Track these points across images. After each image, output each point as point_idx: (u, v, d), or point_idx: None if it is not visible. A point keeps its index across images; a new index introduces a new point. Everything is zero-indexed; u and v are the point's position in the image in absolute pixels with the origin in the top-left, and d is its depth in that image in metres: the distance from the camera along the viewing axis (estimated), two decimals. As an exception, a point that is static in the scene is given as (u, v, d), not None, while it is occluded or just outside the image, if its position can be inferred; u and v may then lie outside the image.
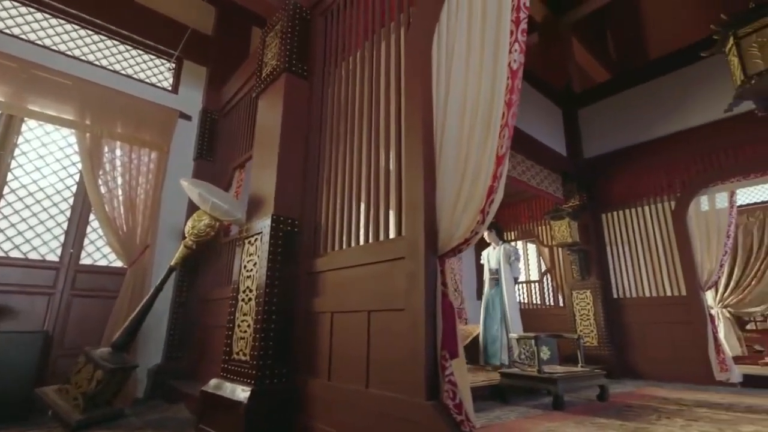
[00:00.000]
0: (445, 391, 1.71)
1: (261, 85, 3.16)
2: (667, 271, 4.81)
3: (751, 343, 5.66)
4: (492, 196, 1.79)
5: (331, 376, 2.25)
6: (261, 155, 2.97)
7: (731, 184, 4.59)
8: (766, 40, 3.04)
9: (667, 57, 5.25)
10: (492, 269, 4.79)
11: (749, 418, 2.70)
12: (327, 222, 2.62)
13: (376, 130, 2.40)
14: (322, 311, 2.41)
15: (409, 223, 1.97)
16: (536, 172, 5.40)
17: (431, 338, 1.78)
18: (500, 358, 4.35)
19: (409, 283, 1.89)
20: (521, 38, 1.83)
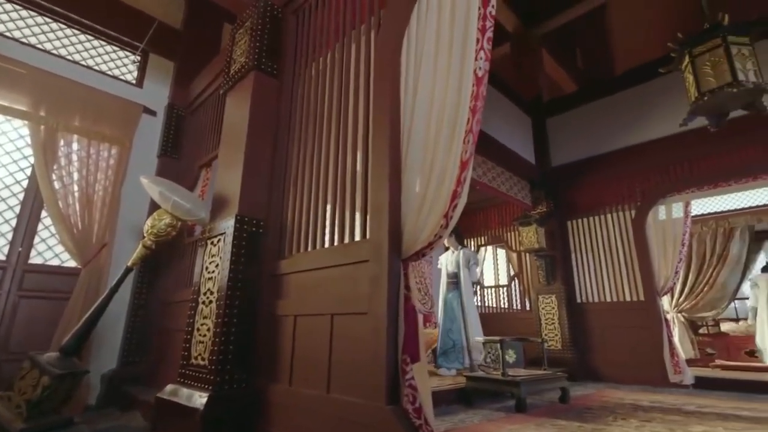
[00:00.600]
0: (405, 395, 1.70)
1: (229, 82, 3.09)
2: (627, 277, 5.00)
3: (703, 346, 5.96)
4: (456, 201, 1.80)
5: (293, 380, 2.20)
6: (227, 154, 2.89)
7: (686, 194, 4.83)
8: (717, 59, 3.22)
9: (631, 71, 5.49)
10: (450, 273, 4.81)
11: (698, 418, 2.83)
12: (293, 223, 2.57)
13: (344, 131, 2.38)
14: (286, 314, 2.36)
15: (374, 225, 1.96)
16: (506, 178, 5.52)
17: (393, 342, 1.76)
18: (462, 361, 4.36)
19: (373, 287, 1.87)
20: (487, 46, 1.86)
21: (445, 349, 4.46)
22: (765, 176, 4.28)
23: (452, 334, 4.48)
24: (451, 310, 4.60)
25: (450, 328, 4.52)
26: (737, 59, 3.14)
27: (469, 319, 4.52)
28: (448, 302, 4.67)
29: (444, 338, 4.52)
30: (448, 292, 4.75)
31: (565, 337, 5.22)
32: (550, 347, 5.33)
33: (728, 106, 3.33)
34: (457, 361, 4.37)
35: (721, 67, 3.16)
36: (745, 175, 4.35)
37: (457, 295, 4.65)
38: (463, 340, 4.42)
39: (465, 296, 4.63)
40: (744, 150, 4.40)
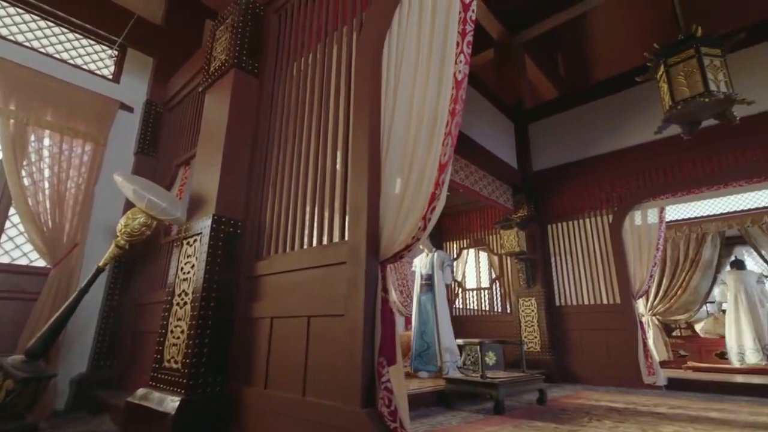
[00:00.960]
0: (381, 398, 1.69)
1: (208, 79, 3.03)
2: (604, 281, 5.11)
3: (677, 348, 6.12)
4: (434, 203, 1.80)
5: (268, 384, 2.16)
6: (205, 152, 2.83)
7: (661, 201, 4.96)
8: (691, 69, 3.32)
9: (610, 79, 5.62)
10: (424, 275, 4.81)
11: (670, 419, 2.90)
12: (271, 224, 2.54)
13: (324, 132, 2.36)
14: (262, 316, 2.32)
15: (352, 227, 1.94)
16: (489, 182, 5.58)
17: (369, 345, 1.75)
18: (435, 363, 4.34)
19: (350, 289, 1.85)
20: (467, 50, 1.87)
21: (420, 352, 4.46)
22: (735, 183, 4.43)
23: (426, 336, 4.48)
24: (425, 312, 4.59)
25: (424, 330, 4.52)
26: (709, 70, 3.25)
27: (442, 322, 4.51)
28: (422, 304, 4.66)
29: (418, 341, 4.51)
30: (422, 294, 4.74)
31: (544, 339, 5.30)
32: (529, 350, 5.39)
33: (700, 115, 3.44)
34: (431, 363, 4.36)
35: (694, 78, 3.27)
36: (716, 182, 4.50)
37: (431, 297, 4.64)
38: (436, 343, 4.41)
39: (438, 298, 4.62)
40: (715, 158, 4.55)
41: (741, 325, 5.34)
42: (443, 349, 4.36)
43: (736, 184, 4.44)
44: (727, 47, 3.33)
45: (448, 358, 4.31)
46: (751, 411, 3.26)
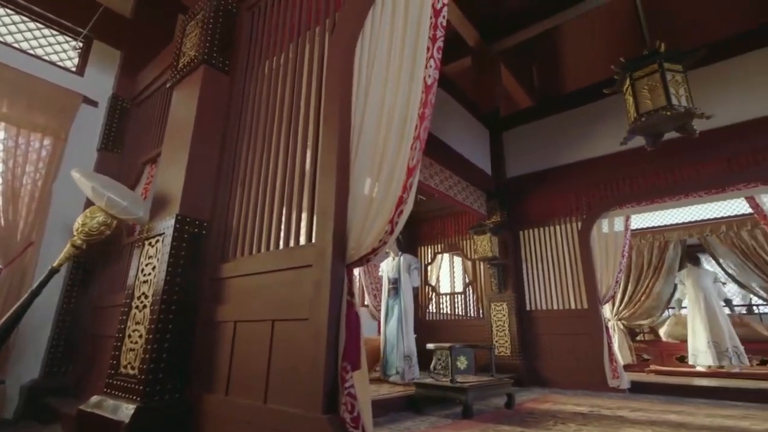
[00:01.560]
0: (343, 404, 1.66)
1: (177, 75, 2.94)
2: (572, 286, 5.23)
3: (640, 352, 6.32)
4: (401, 207, 1.79)
5: (230, 390, 2.09)
6: (171, 150, 2.74)
7: (627, 209, 5.13)
8: (654, 84, 3.46)
9: (581, 90, 5.79)
10: (391, 279, 4.77)
11: (631, 422, 2.98)
12: (238, 225, 2.47)
13: (294, 132, 2.32)
14: (225, 320, 2.25)
15: (320, 229, 1.91)
16: (463, 188, 5.63)
17: (333, 349, 1.72)
18: (396, 367, 4.28)
19: (315, 292, 1.82)
20: (437, 55, 1.88)
21: (388, 356, 4.43)
22: (695, 194, 4.63)
23: (391, 340, 4.44)
24: (392, 316, 4.56)
25: (390, 333, 4.48)
26: (671, 85, 3.39)
27: (407, 326, 4.47)
28: (390, 308, 4.63)
29: (386, 345, 4.47)
30: (389, 298, 4.70)
31: (515, 343, 5.37)
32: (500, 354, 5.45)
33: (663, 127, 3.58)
34: (393, 368, 4.32)
35: (657, 91, 3.40)
36: (678, 192, 4.69)
37: (398, 300, 4.60)
38: (401, 348, 4.36)
39: (405, 302, 4.58)
40: (677, 170, 4.75)
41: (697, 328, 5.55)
42: (402, 354, 4.31)
43: (696, 194, 4.64)
44: (687, 64, 3.48)
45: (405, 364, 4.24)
46: (708, 413, 3.39)
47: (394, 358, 4.31)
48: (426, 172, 4.97)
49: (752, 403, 3.86)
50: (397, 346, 4.33)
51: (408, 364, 4.27)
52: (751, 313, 6.62)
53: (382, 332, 4.57)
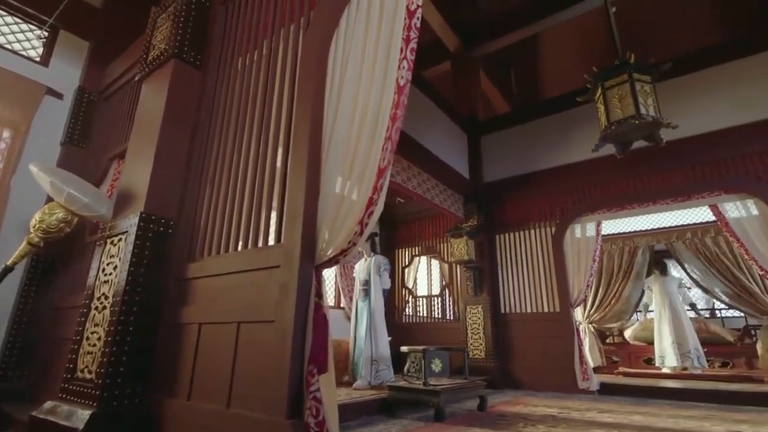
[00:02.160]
0: (308, 408, 1.62)
1: (146, 68, 2.85)
2: (545, 290, 5.32)
3: (610, 354, 6.49)
4: (371, 208, 1.77)
5: (192, 395, 2.02)
6: (137, 145, 2.64)
7: (598, 215, 5.26)
8: (624, 93, 3.56)
9: (557, 98, 5.91)
10: (362, 280, 4.63)
11: (599, 425, 3.04)
12: (206, 224, 2.40)
13: (266, 130, 2.27)
14: (190, 322, 2.18)
15: (289, 229, 1.87)
16: (441, 191, 5.66)
17: (299, 352, 1.68)
18: (360, 371, 4.15)
19: (282, 294, 1.78)
20: (410, 57, 1.88)
21: (356, 360, 4.29)
22: (662, 201, 4.79)
23: (360, 343, 4.31)
24: (362, 319, 4.41)
25: (360, 337, 4.35)
26: (640, 95, 3.49)
27: (378, 329, 4.34)
28: (360, 311, 4.48)
29: (355, 348, 4.34)
30: (359, 300, 4.56)
31: (489, 346, 5.42)
32: (474, 356, 5.50)
33: (632, 136, 3.68)
34: (359, 373, 4.18)
35: (627, 101, 3.50)
36: (647, 200, 4.85)
37: (367, 303, 4.46)
38: (370, 351, 4.22)
39: (375, 304, 4.43)
40: (646, 178, 4.90)
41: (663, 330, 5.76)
42: (377, 357, 4.20)
43: (663, 202, 4.80)
44: (655, 75, 3.60)
45: (379, 367, 4.15)
46: (671, 414, 3.49)
47: (364, 363, 4.19)
48: (404, 175, 4.98)
49: (713, 404, 4.01)
50: (364, 350, 4.21)
51: (376, 368, 4.17)
52: (714, 317, 6.90)
53: (351, 335, 4.47)
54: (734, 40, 4.99)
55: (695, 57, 4.87)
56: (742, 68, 4.58)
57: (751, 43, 4.62)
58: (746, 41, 4.70)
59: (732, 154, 4.43)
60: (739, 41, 4.79)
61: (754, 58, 4.54)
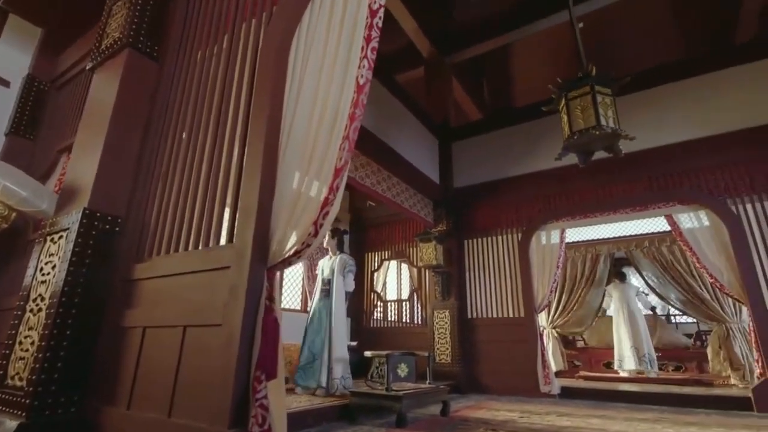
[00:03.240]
0: (253, 416, 1.54)
1: (98, 57, 2.70)
2: (511, 295, 5.40)
3: (572, 359, 6.65)
4: (327, 209, 1.72)
5: (133, 403, 1.90)
6: (85, 137, 2.50)
7: (563, 223, 5.39)
8: (586, 104, 3.67)
9: (526, 107, 6.04)
10: (324, 279, 4.34)
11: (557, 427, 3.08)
12: (157, 223, 2.28)
13: (222, 126, 2.19)
14: (134, 326, 2.06)
15: (241, 228, 1.80)
16: (410, 195, 5.66)
17: (246, 357, 1.60)
18: (318, 379, 3.89)
19: (231, 296, 1.70)
20: (371, 55, 1.85)
21: (304, 365, 3.98)
22: (622, 211, 4.96)
23: (314, 347, 4.02)
24: (319, 320, 4.13)
25: (314, 340, 4.04)
26: (601, 106, 3.60)
27: (337, 333, 4.10)
28: (317, 312, 4.19)
29: (305, 352, 4.01)
30: (319, 300, 4.26)
31: (455, 351, 5.44)
32: (441, 361, 5.50)
33: (593, 146, 3.80)
34: (313, 378, 3.91)
35: (588, 112, 3.61)
36: (608, 209, 5.01)
37: (327, 304, 4.19)
38: (325, 356, 3.98)
39: (336, 306, 4.18)
40: (608, 187, 5.07)
41: (621, 335, 5.97)
42: (334, 360, 3.97)
43: (623, 211, 4.97)
44: (615, 88, 3.73)
45: (339, 373, 3.94)
46: (626, 416, 3.59)
47: (315, 368, 3.93)
48: (374, 178, 4.95)
49: (666, 406, 4.15)
50: (326, 355, 3.97)
51: (332, 375, 4.02)
52: (670, 322, 7.20)
53: (303, 336, 4.12)
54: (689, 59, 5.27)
55: (653, 73, 5.10)
56: (695, 86, 4.83)
57: (705, 63, 4.88)
58: (700, 61, 4.96)
59: (686, 168, 4.65)
60: (694, 60, 5.05)
61: (708, 76, 4.80)
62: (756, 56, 4.63)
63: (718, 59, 4.83)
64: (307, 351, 4.01)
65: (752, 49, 4.73)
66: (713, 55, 5.00)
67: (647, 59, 6.17)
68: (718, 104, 4.66)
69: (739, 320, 5.12)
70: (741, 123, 4.47)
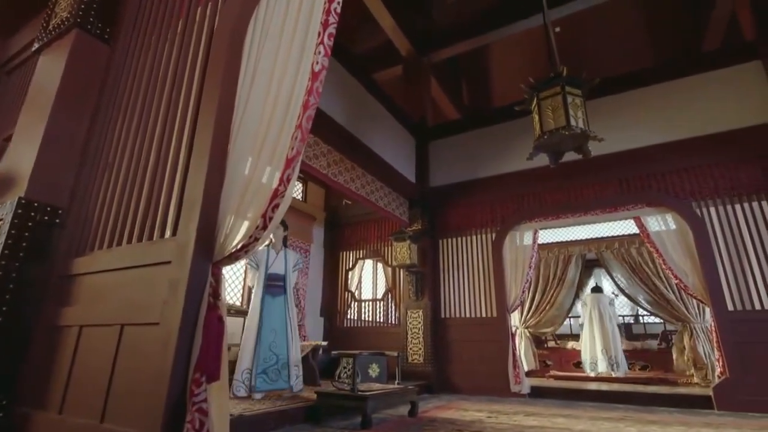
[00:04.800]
0: (189, 422, 1.44)
1: (45, 37, 2.53)
2: (484, 295, 5.39)
3: (544, 358, 6.71)
4: (276, 201, 1.63)
5: (65, 407, 1.76)
6: (27, 122, 2.33)
7: (535, 223, 5.42)
8: (556, 104, 3.67)
9: (503, 108, 6.05)
10: (276, 275, 4.06)
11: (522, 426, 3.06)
12: (100, 215, 2.14)
13: (173, 113, 2.07)
14: (70, 324, 1.91)
15: (185, 220, 1.69)
16: (385, 193, 5.60)
17: (184, 358, 1.50)
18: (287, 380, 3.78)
19: (170, 293, 1.59)
20: (327, 42, 1.77)
21: (266, 368, 3.72)
22: (593, 212, 5.02)
23: (276, 347, 3.81)
24: (277, 318, 3.91)
25: (273, 340, 3.82)
26: (571, 107, 3.61)
27: (295, 332, 4.02)
28: (271, 309, 3.92)
29: (264, 353, 3.75)
30: (270, 296, 3.96)
31: (428, 350, 5.40)
32: (413, 361, 5.45)
33: (563, 146, 3.81)
34: (281, 379, 3.75)
35: (559, 112, 3.61)
36: (579, 210, 5.06)
37: (282, 301, 3.99)
38: (290, 355, 3.85)
39: (291, 303, 4.05)
40: (580, 189, 5.12)
41: (594, 339, 6.08)
42: (296, 361, 3.89)
43: (594, 212, 5.03)
44: (585, 89, 3.75)
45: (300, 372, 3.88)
46: (592, 415, 3.61)
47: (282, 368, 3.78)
48: (347, 175, 4.87)
49: (631, 405, 4.21)
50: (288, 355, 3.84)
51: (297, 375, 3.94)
52: (638, 322, 7.36)
53: (251, 337, 3.78)
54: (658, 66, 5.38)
55: (624, 79, 5.19)
56: (664, 92, 4.93)
57: (673, 70, 4.98)
58: (669, 68, 5.06)
59: (654, 171, 4.73)
60: (663, 67, 5.16)
61: (675, 83, 4.90)
62: (722, 64, 4.75)
63: (686, 66, 4.94)
64: (268, 352, 3.79)
65: (719, 57, 4.85)
66: (681, 63, 5.12)
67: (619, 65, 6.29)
68: (686, 110, 4.76)
69: (703, 321, 5.25)
70: (707, 128, 4.57)
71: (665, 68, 5.07)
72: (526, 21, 6.19)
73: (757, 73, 4.53)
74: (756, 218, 4.16)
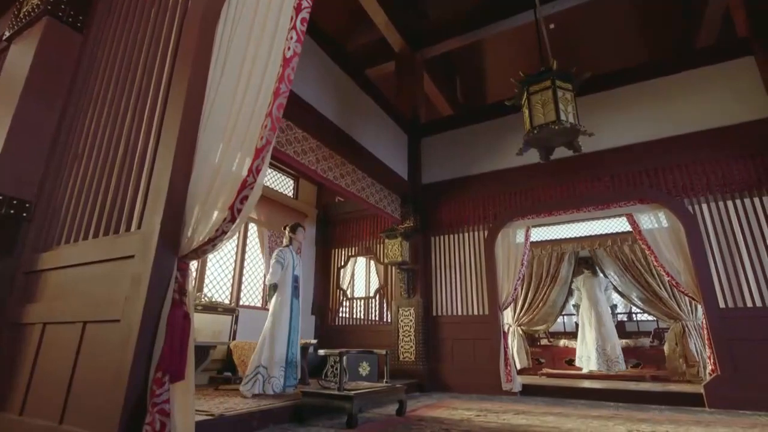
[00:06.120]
0: (148, 423, 1.37)
1: (16, 25, 2.45)
2: (476, 293, 5.33)
3: (536, 356, 6.67)
4: (245, 192, 1.56)
5: (26, 408, 1.69)
6: (-6, 113, 2.25)
7: (528, 220, 5.36)
8: (547, 99, 3.61)
9: (495, 104, 5.98)
10: (296, 276, 4.28)
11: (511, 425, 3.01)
12: (68, 208, 2.06)
13: (143, 103, 1.99)
14: (33, 322, 1.84)
15: (150, 212, 1.61)
16: (377, 190, 5.53)
17: (144, 356, 1.43)
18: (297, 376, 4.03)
19: (132, 288, 1.52)
20: (300, 27, 1.70)
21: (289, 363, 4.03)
22: (585, 209, 4.97)
23: (293, 347, 4.08)
24: (295, 318, 4.17)
25: (293, 339, 4.11)
26: (561, 101, 3.55)
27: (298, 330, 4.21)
28: (296, 310, 4.21)
29: (288, 351, 4.02)
30: (295, 298, 4.22)
31: (419, 349, 5.34)
32: (405, 359, 5.40)
33: (553, 141, 3.75)
34: (292, 376, 4.01)
35: (549, 106, 3.55)
36: (572, 207, 5.00)
37: (297, 302, 4.26)
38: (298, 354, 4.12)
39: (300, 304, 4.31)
40: (572, 185, 5.06)
41: (586, 333, 6.02)
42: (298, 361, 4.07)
43: (587, 209, 4.98)
44: (576, 84, 3.69)
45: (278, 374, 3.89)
46: (582, 414, 3.56)
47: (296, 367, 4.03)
48: (337, 171, 4.80)
49: (623, 403, 4.16)
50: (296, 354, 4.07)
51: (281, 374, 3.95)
52: (631, 320, 7.32)
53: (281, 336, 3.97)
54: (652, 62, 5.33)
55: (617, 74, 5.13)
56: (657, 88, 4.87)
57: (666, 66, 4.93)
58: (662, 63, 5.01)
59: (646, 167, 4.68)
60: (657, 63, 5.10)
61: (669, 79, 4.85)
62: (716, 59, 4.71)
63: (680, 62, 4.89)
64: (290, 351, 4.04)
65: (712, 53, 4.80)
66: (675, 58, 5.07)
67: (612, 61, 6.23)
68: (678, 106, 4.71)
69: (695, 318, 5.21)
70: (699, 125, 4.53)
71: (658, 64, 5.02)
72: (519, 16, 6.12)
73: (750, 69, 4.49)
74: (748, 215, 4.12)
